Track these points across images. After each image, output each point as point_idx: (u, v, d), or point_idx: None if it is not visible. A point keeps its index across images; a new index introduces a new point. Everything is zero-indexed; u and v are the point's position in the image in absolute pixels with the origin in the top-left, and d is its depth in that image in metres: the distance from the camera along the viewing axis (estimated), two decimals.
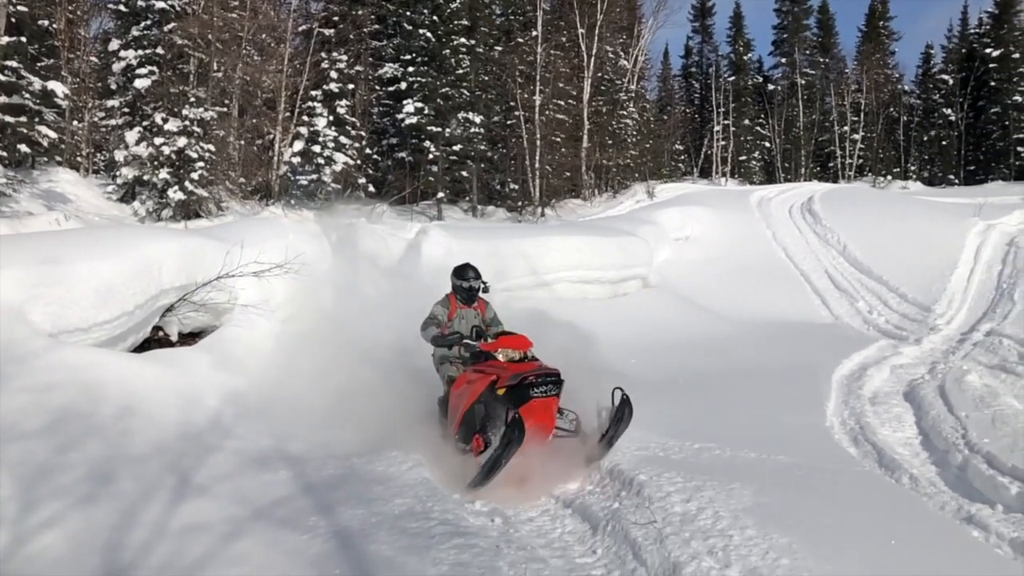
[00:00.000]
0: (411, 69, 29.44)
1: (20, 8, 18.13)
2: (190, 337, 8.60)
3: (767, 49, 62.12)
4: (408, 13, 30.35)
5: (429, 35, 29.67)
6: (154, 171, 20.40)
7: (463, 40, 30.21)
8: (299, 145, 25.17)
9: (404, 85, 29.37)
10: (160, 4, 22.06)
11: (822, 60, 52.67)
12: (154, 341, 8.16)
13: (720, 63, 53.91)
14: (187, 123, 20.61)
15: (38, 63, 20.40)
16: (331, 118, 25.96)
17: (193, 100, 21.48)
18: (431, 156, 28.63)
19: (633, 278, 15.49)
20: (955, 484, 6.41)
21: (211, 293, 8.47)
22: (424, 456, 6.02)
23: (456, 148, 29.15)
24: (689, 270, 17.47)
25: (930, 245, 17.63)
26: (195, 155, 20.55)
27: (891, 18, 53.81)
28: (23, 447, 4.97)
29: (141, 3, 22.23)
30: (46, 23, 22.14)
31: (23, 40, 18.17)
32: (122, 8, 22.84)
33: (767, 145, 52.40)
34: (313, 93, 26.88)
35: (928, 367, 10.41)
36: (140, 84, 22.05)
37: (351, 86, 28.59)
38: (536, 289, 13.14)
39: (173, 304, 8.23)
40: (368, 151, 29.45)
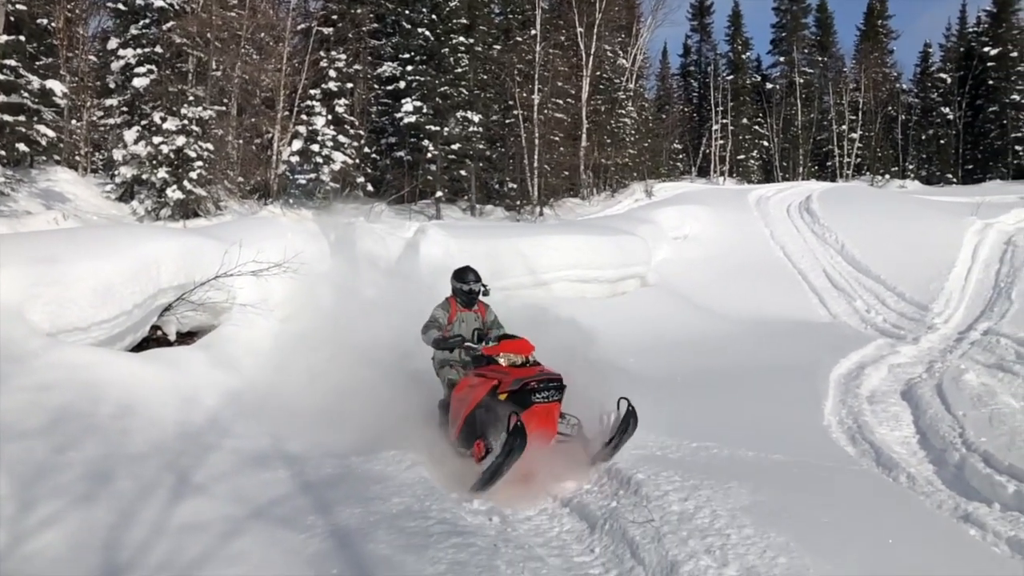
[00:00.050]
0: (410, 68, 29.43)
1: (19, 7, 18.08)
2: (188, 336, 8.59)
3: (765, 48, 62.10)
4: (407, 12, 30.35)
5: (428, 34, 29.65)
6: (152, 170, 20.37)
7: (462, 39, 30.18)
8: (298, 144, 25.15)
9: (403, 84, 29.36)
10: (159, 2, 21.99)
11: (820, 59, 52.68)
12: (152, 340, 8.15)
13: (718, 62, 53.97)
14: (186, 122, 20.58)
15: (37, 62, 20.37)
16: (330, 117, 25.94)
17: (192, 99, 21.46)
18: (430, 155, 28.61)
19: (631, 277, 15.50)
20: (952, 483, 6.43)
21: (209, 292, 8.46)
22: (422, 456, 6.01)
23: (455, 147, 29.13)
24: (687, 269, 17.49)
25: (928, 244, 17.65)
26: (194, 154, 20.52)
27: (889, 17, 53.89)
28: (22, 446, 4.97)
29: (140, 1, 22.15)
30: (45, 22, 22.10)
31: (22, 39, 18.13)
32: (121, 7, 22.78)
33: (765, 144, 52.40)
34: (312, 92, 26.87)
35: (926, 366, 10.43)
36: (139, 83, 22.01)
37: (350, 85, 28.56)
38: (534, 288, 13.15)
39: (171, 303, 8.23)
40: (367, 150, 29.44)
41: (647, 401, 6.72)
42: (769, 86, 52.89)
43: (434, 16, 29.81)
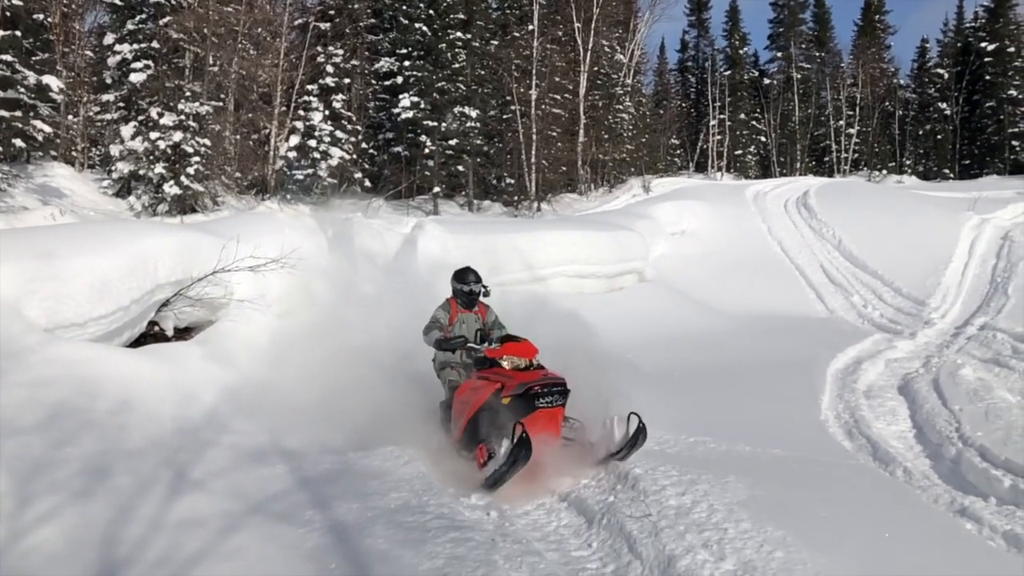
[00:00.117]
0: (407, 63, 29.37)
1: (15, 2, 18.02)
2: (186, 332, 8.59)
3: (763, 43, 62.03)
4: (404, 7, 30.25)
5: (425, 29, 29.59)
6: (150, 166, 20.33)
7: (459, 34, 30.14)
8: (295, 140, 25.10)
9: (400, 79, 29.29)
10: None
11: (818, 54, 52.63)
12: (150, 336, 8.14)
13: (716, 57, 53.91)
14: (183, 118, 20.54)
15: (33, 57, 20.26)
16: (327, 112, 25.90)
17: (189, 94, 21.41)
18: (427, 151, 28.56)
19: (629, 272, 15.52)
20: (949, 477, 6.45)
21: (207, 288, 8.45)
22: (420, 452, 6.01)
23: (452, 142, 29.09)
24: (685, 264, 17.51)
25: (925, 239, 17.68)
26: (191, 150, 20.49)
27: (887, 12, 53.79)
28: (19, 442, 4.96)
29: None
30: (41, 17, 21.99)
31: (18, 34, 18.06)
32: (117, 2, 22.72)
33: (763, 139, 52.41)
34: (309, 87, 26.82)
35: (922, 361, 10.46)
36: (135, 78, 21.96)
37: (347, 80, 28.51)
38: (532, 284, 13.16)
39: (169, 299, 8.22)
40: (364, 145, 29.38)
41: (645, 396, 6.74)
42: (767, 81, 52.87)
43: (431, 11, 29.76)
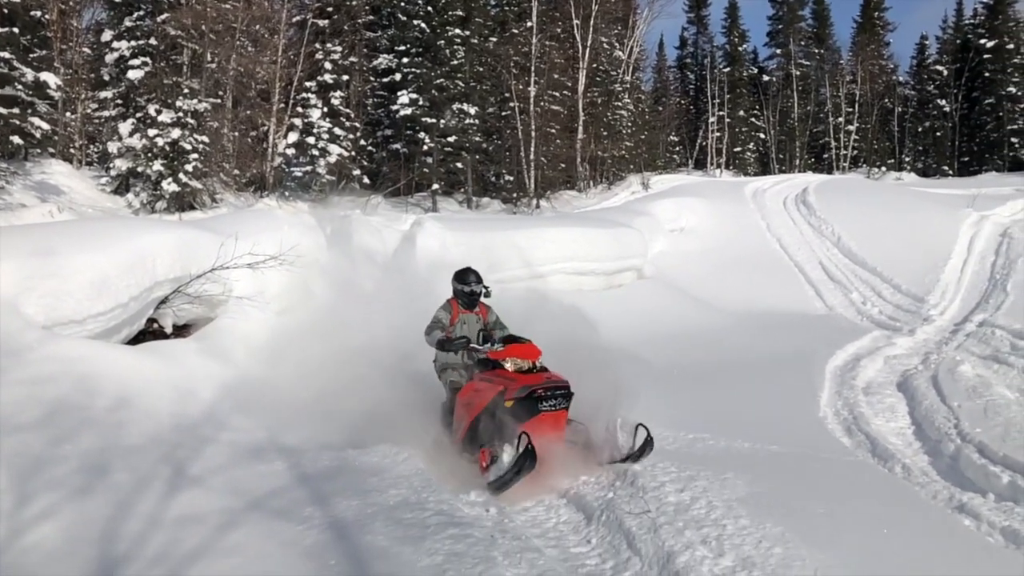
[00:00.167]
0: (405, 60, 29.31)
1: None
2: (184, 329, 8.59)
3: (762, 40, 61.95)
4: (402, 4, 30.18)
5: (423, 26, 29.53)
6: (148, 163, 20.31)
7: (458, 31, 30.09)
8: (293, 136, 25.08)
9: (399, 76, 29.24)
10: None
11: (817, 51, 52.57)
12: (148, 333, 8.14)
13: (715, 54, 53.79)
14: (181, 114, 20.52)
15: (30, 54, 20.22)
16: (325, 109, 25.87)
17: (187, 91, 21.39)
18: (426, 147, 28.53)
19: (628, 270, 15.51)
20: (947, 473, 6.46)
21: (205, 285, 8.45)
22: (419, 449, 6.01)
23: (451, 139, 29.05)
24: (684, 261, 17.50)
25: (924, 236, 17.68)
26: (189, 147, 20.47)
27: (886, 8, 53.68)
28: (18, 439, 4.96)
29: None
30: (38, 14, 21.93)
31: (15, 31, 18.03)
32: None
33: (762, 136, 52.39)
34: (307, 84, 26.79)
35: (921, 357, 10.47)
36: (133, 75, 21.92)
37: (345, 77, 28.46)
38: (531, 281, 13.15)
39: (167, 296, 8.22)
40: (363, 142, 29.35)
41: (644, 393, 6.74)
42: (766, 78, 52.80)
43: (430, 8, 29.69)
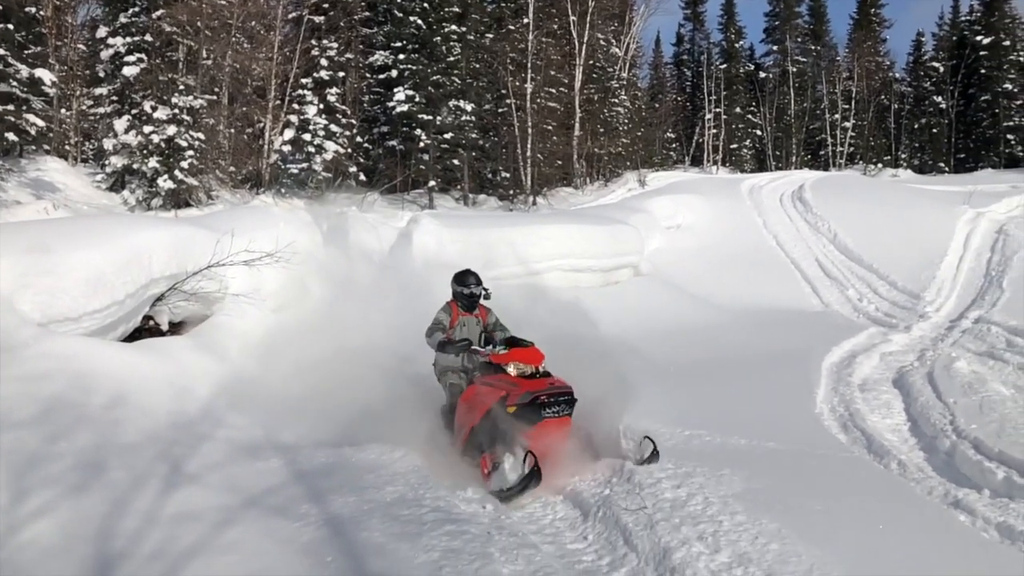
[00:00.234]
0: (402, 57, 29.25)
1: None
2: (180, 326, 8.57)
3: (759, 37, 62.06)
4: (399, 0, 30.15)
5: (420, 22, 29.46)
6: (143, 160, 20.26)
7: (454, 27, 30.00)
8: (289, 133, 25.01)
9: (395, 73, 29.18)
10: None
11: (814, 48, 52.54)
12: (144, 330, 8.13)
13: (712, 51, 53.77)
14: (176, 111, 20.46)
15: (25, 51, 20.17)
16: (321, 106, 25.81)
17: (182, 88, 21.32)
18: (422, 144, 28.48)
19: (624, 266, 15.51)
20: (943, 469, 6.47)
21: (202, 282, 8.43)
22: (416, 446, 6.00)
23: (447, 136, 28.99)
24: (680, 258, 17.50)
25: (920, 233, 17.70)
26: (185, 143, 20.42)
27: (883, 5, 53.66)
28: (13, 437, 4.95)
29: None
30: (33, 10, 21.88)
31: (10, 27, 18.00)
32: None
33: (758, 133, 52.39)
34: (303, 81, 26.74)
35: (917, 354, 10.49)
36: (128, 72, 21.86)
37: (341, 74, 28.42)
38: (527, 278, 13.14)
39: (164, 293, 8.20)
40: (359, 139, 29.28)
41: (641, 390, 6.75)
42: (762, 75, 52.81)
43: (426, 4, 29.61)
